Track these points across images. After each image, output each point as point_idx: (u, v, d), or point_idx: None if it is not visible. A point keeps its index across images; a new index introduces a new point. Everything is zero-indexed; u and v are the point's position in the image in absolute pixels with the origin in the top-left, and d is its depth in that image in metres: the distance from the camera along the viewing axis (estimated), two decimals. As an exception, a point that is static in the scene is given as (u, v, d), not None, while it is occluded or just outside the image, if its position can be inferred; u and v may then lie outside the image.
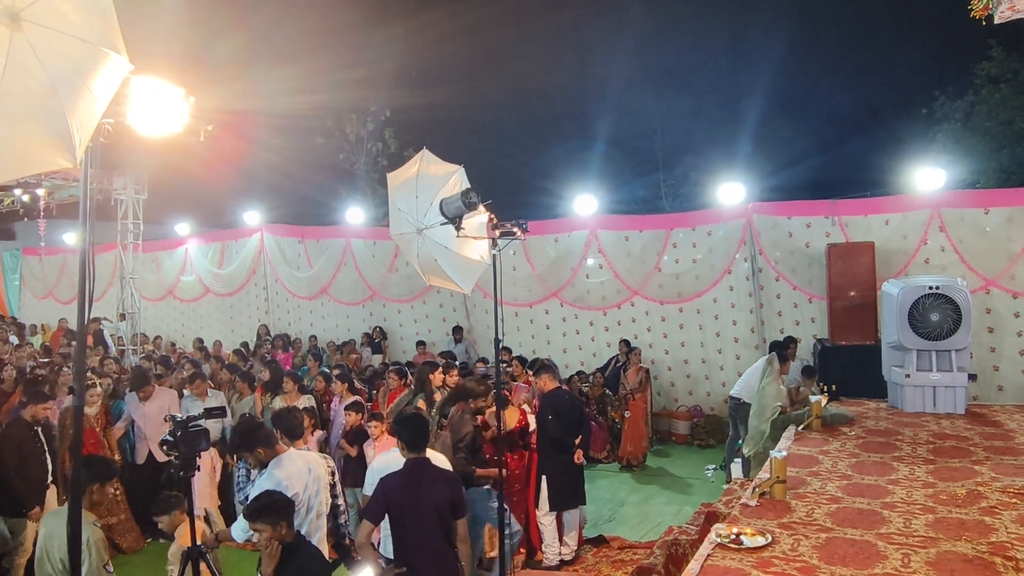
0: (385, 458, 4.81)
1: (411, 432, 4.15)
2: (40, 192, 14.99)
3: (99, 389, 7.33)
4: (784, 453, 4.77)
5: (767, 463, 4.91)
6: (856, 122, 22.95)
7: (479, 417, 6.34)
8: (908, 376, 6.94)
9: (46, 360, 11.15)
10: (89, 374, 8.13)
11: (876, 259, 9.21)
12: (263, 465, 4.33)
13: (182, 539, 4.49)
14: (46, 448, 6.18)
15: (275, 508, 3.57)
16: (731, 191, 10.79)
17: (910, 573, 3.41)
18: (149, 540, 7.10)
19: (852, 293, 9.14)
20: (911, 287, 6.90)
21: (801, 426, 6.42)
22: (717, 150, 21.76)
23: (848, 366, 8.61)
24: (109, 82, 2.38)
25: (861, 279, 9.13)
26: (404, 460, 4.15)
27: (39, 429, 6.18)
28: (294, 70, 17.16)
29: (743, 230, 10.62)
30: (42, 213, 16.01)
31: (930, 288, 6.78)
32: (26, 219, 16.96)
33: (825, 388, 7.33)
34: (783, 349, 8.39)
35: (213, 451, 7.34)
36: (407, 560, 3.99)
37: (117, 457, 7.11)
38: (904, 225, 9.47)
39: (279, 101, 16.13)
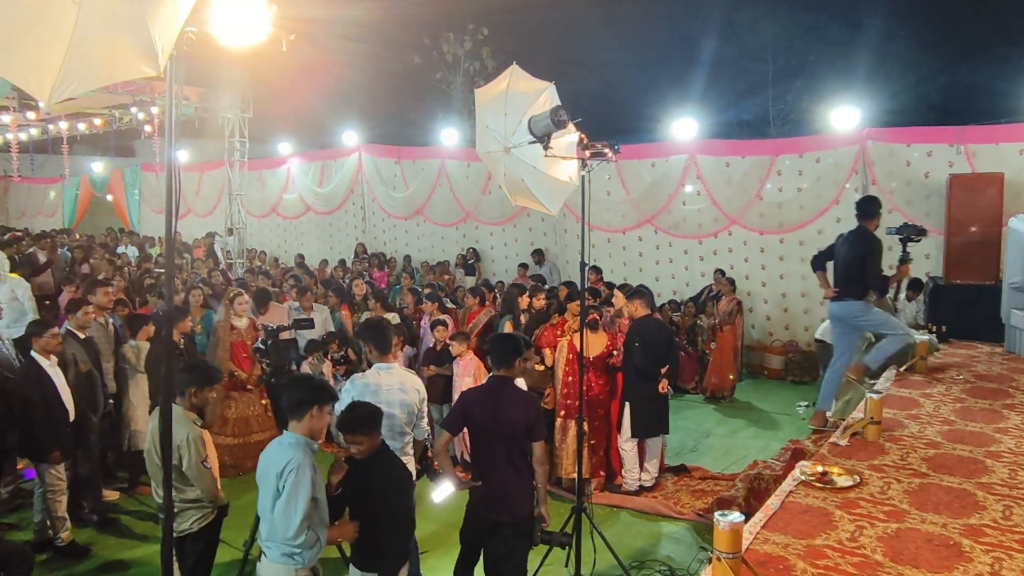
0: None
1: (502, 350, 4.18)
2: (155, 110, 15.69)
3: (245, 297, 7.07)
4: (881, 393, 4.53)
5: (862, 403, 4.68)
6: (989, 40, 20.69)
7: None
8: (1030, 320, 6.44)
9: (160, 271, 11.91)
10: (235, 287, 8.32)
11: (1005, 192, 8.42)
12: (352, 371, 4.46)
13: None
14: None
15: (371, 420, 3.58)
16: (845, 116, 10.06)
17: (1011, 527, 3.19)
18: None
19: (973, 228, 8.44)
20: (1042, 223, 6.32)
21: (903, 367, 6.08)
22: (832, 73, 20.25)
23: (962, 306, 8.01)
24: (189, -12, 2.37)
25: (985, 213, 8.39)
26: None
27: (184, 347, 6.05)
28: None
29: (855, 158, 9.93)
30: (156, 131, 16.78)
31: (1065, 225, 6.19)
32: (144, 136, 17.81)
33: (933, 328, 6.90)
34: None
35: (328, 363, 7.58)
36: (484, 474, 4.07)
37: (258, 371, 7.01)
38: (1041, 155, 8.59)
39: (378, 16, 16.01)
